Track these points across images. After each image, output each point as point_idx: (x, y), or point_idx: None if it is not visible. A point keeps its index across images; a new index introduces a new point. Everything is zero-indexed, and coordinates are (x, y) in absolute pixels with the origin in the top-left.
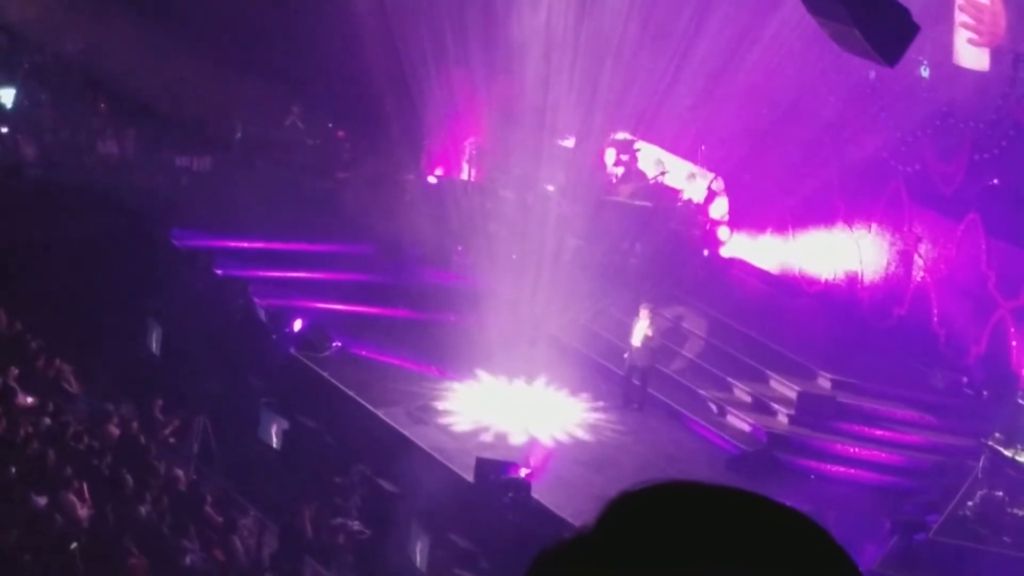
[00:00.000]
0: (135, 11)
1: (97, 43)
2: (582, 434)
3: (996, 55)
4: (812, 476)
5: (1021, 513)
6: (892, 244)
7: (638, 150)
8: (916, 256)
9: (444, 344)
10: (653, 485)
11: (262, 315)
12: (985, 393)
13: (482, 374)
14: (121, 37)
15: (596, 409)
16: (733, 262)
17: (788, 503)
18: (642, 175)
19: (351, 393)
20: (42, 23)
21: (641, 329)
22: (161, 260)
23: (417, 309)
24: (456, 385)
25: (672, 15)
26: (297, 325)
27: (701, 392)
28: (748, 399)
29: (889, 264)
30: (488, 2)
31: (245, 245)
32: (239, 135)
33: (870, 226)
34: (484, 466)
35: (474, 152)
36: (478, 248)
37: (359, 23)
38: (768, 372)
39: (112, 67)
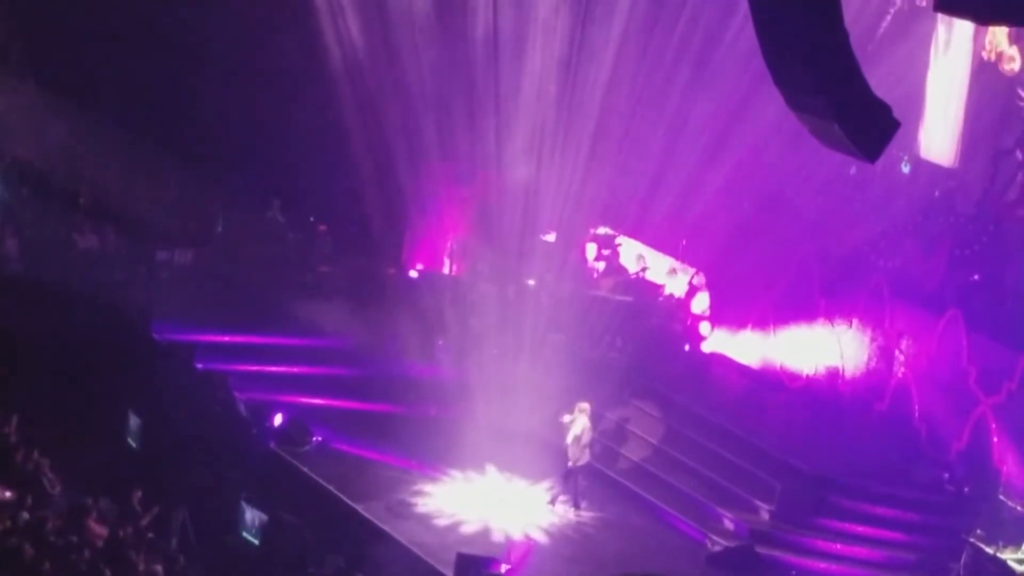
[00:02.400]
0: (117, 105)
1: (78, 137)
2: (562, 528)
3: (967, 151)
4: (794, 572)
5: None
6: (873, 339)
7: (619, 245)
8: (897, 351)
9: (425, 438)
10: None
11: (242, 409)
12: (966, 489)
13: (464, 468)
14: (102, 131)
15: (575, 503)
16: (714, 357)
17: None
18: (623, 270)
19: (331, 488)
20: (23, 117)
21: (577, 427)
22: (141, 354)
23: (398, 403)
24: (437, 479)
25: (654, 112)
26: (278, 419)
27: (682, 487)
28: (730, 494)
29: (870, 359)
30: (469, 99)
31: (226, 339)
32: (220, 229)
33: (851, 321)
34: (464, 561)
35: (455, 246)
36: (459, 342)
37: (341, 118)
38: (749, 467)
39: (93, 161)
